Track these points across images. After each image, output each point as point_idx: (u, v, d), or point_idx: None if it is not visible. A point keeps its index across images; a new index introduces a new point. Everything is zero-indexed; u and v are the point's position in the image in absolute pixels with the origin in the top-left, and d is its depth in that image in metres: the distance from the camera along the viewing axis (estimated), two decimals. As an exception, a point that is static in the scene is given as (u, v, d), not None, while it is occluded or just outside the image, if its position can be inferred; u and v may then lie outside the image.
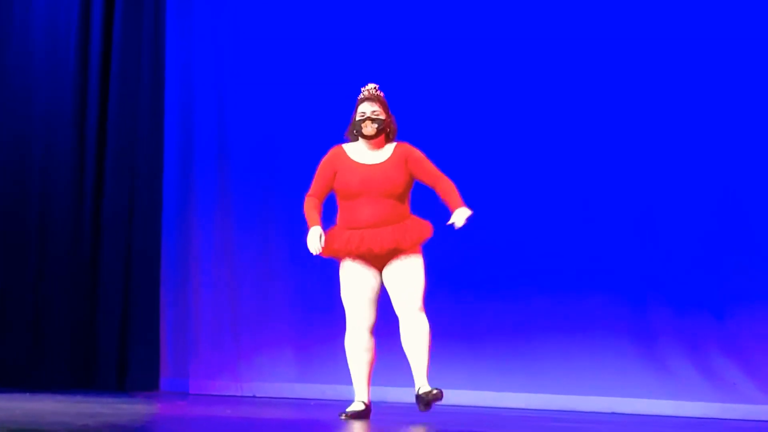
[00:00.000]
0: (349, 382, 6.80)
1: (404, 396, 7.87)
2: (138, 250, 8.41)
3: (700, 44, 7.89)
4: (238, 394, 8.27)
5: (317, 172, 6.12)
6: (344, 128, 6.18)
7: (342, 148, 6.13)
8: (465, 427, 5.93)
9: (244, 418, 5.95)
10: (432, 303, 8.03)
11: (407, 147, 6.10)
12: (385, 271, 6.00)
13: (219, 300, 8.47)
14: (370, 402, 6.06)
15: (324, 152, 6.23)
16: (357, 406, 6.01)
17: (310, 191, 6.09)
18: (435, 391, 5.91)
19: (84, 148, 8.48)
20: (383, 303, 6.10)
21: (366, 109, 6.06)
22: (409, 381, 6.13)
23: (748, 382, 7.63)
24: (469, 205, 8.07)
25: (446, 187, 6.11)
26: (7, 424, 4.66)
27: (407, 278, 5.97)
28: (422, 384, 5.96)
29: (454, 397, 8.02)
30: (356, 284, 5.99)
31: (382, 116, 6.05)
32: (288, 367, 8.28)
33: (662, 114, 7.94)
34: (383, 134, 6.08)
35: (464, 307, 8.10)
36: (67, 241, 8.39)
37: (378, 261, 5.99)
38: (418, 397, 5.95)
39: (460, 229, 6.11)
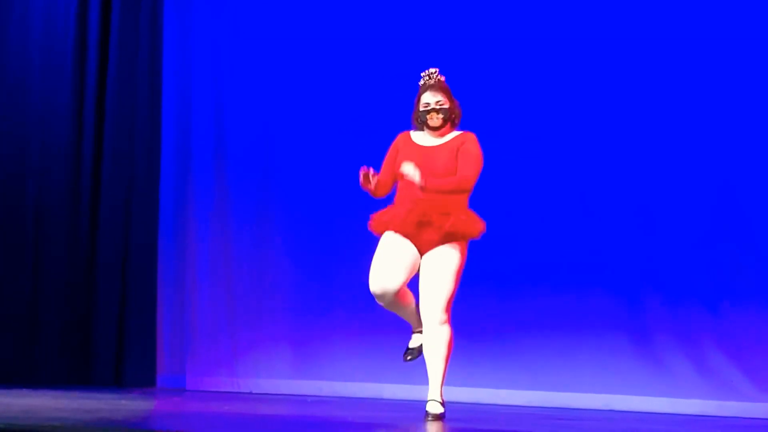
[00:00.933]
0: (345, 378, 6.82)
1: (399, 392, 7.88)
2: (135, 246, 8.42)
3: (696, 44, 7.89)
4: (235, 390, 8.27)
5: (384, 158, 6.00)
6: (341, 129, 6.17)
7: (408, 133, 6.03)
8: (462, 424, 5.93)
9: (241, 414, 5.95)
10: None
11: (469, 137, 5.94)
12: (423, 258, 5.83)
13: (216, 296, 8.46)
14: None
15: (323, 151, 6.28)
16: (417, 339, 5.99)
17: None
18: (437, 413, 5.81)
19: (81, 146, 8.48)
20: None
21: (429, 99, 5.91)
22: (404, 377, 6.13)
23: (744, 379, 7.63)
24: (472, 203, 8.10)
25: (453, 178, 5.84)
26: (4, 420, 4.66)
27: (435, 281, 5.78)
28: (432, 397, 5.86)
29: (451, 393, 8.03)
30: (388, 249, 5.79)
31: (447, 105, 5.92)
32: (285, 364, 8.28)
33: (658, 112, 7.94)
34: (449, 121, 5.95)
35: (461, 304, 8.07)
36: (64, 237, 8.39)
37: (419, 239, 5.78)
38: (426, 411, 5.87)
39: None
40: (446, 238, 5.82)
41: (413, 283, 5.94)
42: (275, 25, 8.53)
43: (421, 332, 5.95)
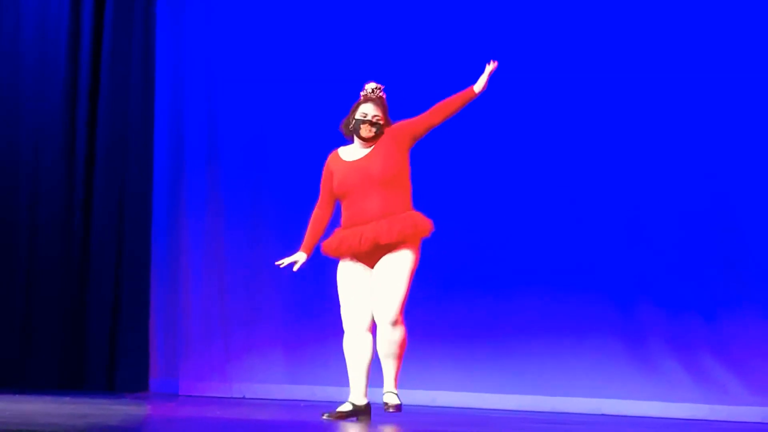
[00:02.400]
0: (338, 383, 6.82)
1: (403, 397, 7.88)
2: (128, 251, 8.42)
3: (691, 51, 7.91)
4: (228, 395, 8.27)
5: (321, 181, 6.12)
6: (334, 131, 6.17)
7: (336, 152, 6.12)
8: (454, 428, 5.94)
9: (234, 419, 5.95)
10: (421, 304, 8.08)
11: (388, 128, 6.03)
12: (375, 267, 5.95)
13: (209, 301, 8.47)
14: (367, 402, 6.01)
15: (315, 154, 6.28)
16: (345, 406, 6.00)
17: (317, 202, 6.11)
18: (396, 404, 5.89)
19: (74, 150, 8.49)
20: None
21: (369, 110, 6.01)
22: (400, 383, 6.14)
23: (736, 383, 7.65)
24: (461, 206, 8.13)
25: (444, 104, 6.06)
26: (-4, 425, 4.67)
27: (388, 283, 5.88)
28: (389, 390, 5.94)
29: (442, 398, 8.05)
30: (350, 284, 5.97)
31: (382, 122, 6.01)
32: (278, 369, 8.29)
33: (653, 116, 7.95)
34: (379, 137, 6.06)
35: (453, 308, 8.11)
36: (57, 242, 8.39)
37: (369, 258, 5.94)
38: (384, 402, 5.95)
39: (451, 225, 5.95)
40: (395, 247, 5.91)
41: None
42: (268, 28, 8.54)
43: (350, 404, 5.99)
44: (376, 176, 5.91)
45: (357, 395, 6.00)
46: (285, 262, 6.15)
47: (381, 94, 6.07)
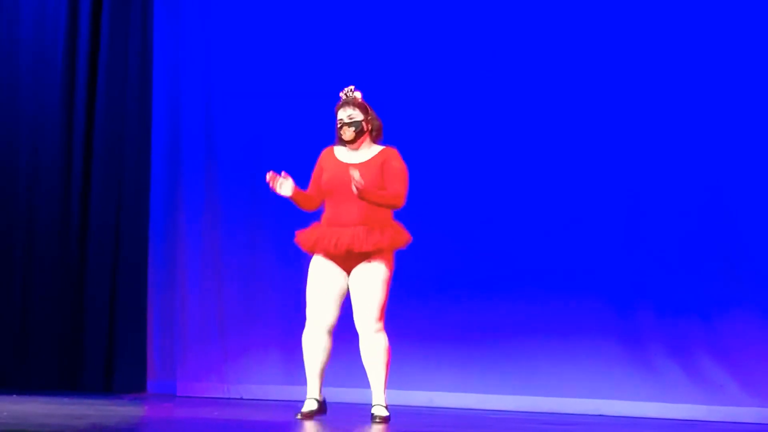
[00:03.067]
0: (337, 384, 6.81)
1: (388, 398, 7.89)
2: (125, 251, 8.41)
3: (687, 53, 7.90)
4: (225, 395, 8.26)
5: (311, 175, 6.20)
6: (331, 132, 6.21)
7: (331, 148, 6.19)
8: (451, 429, 5.94)
9: (232, 420, 5.95)
10: (419, 304, 8.08)
11: (391, 152, 6.08)
12: (350, 276, 6.00)
13: (206, 302, 8.46)
14: (323, 398, 6.08)
15: (312, 155, 6.26)
16: (310, 404, 6.03)
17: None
18: (384, 416, 5.92)
19: (71, 151, 8.48)
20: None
21: (342, 115, 6.10)
22: (394, 383, 6.15)
23: (734, 384, 7.65)
24: (461, 208, 8.12)
25: (385, 192, 5.98)
26: (-7, 426, 4.66)
27: (366, 292, 5.93)
28: (377, 402, 5.98)
29: (439, 399, 8.05)
30: (320, 280, 6.01)
31: (359, 117, 6.07)
32: (275, 369, 8.28)
33: (649, 117, 7.95)
34: (365, 134, 6.10)
35: (451, 309, 8.11)
36: (54, 242, 8.39)
37: (346, 262, 5.98)
38: (372, 413, 5.97)
39: (450, 227, 5.91)
40: (370, 256, 5.96)
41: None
42: (266, 27, 8.54)
43: (314, 400, 6.04)
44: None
45: (314, 391, 6.05)
46: (272, 176, 6.09)
47: (354, 94, 6.13)
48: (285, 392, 8.12)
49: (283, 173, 6.08)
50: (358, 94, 6.14)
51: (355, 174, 5.83)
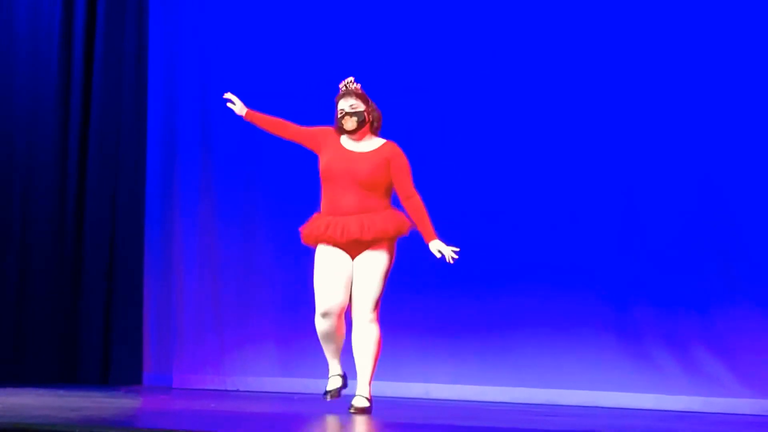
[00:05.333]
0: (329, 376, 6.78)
1: (386, 390, 7.90)
2: (121, 245, 8.41)
3: (685, 51, 7.90)
4: (222, 388, 8.27)
5: (314, 126, 6.28)
6: (328, 125, 6.23)
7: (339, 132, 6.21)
8: (448, 420, 5.95)
9: (228, 412, 5.96)
10: (417, 297, 8.09)
11: (395, 149, 6.14)
12: (355, 261, 6.05)
13: (202, 294, 8.46)
14: (344, 373, 6.19)
15: (305, 152, 6.28)
16: (334, 382, 6.14)
17: (299, 125, 6.30)
18: (362, 407, 5.95)
19: (67, 147, 8.47)
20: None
21: (344, 105, 6.14)
22: (391, 375, 6.17)
23: (730, 375, 7.66)
24: (457, 202, 8.13)
25: (417, 206, 6.11)
26: (-11, 418, 4.66)
27: (365, 281, 6.00)
28: (360, 393, 6.01)
29: (438, 391, 8.06)
30: (329, 266, 6.05)
31: (361, 108, 6.10)
32: (271, 361, 8.28)
33: (647, 113, 7.95)
34: (367, 125, 6.13)
35: (448, 301, 8.11)
36: (50, 235, 8.38)
37: (350, 249, 6.04)
38: (351, 403, 6.02)
39: (446, 221, 6.07)
40: (374, 244, 6.03)
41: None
42: (262, 25, 8.52)
43: (338, 376, 6.16)
44: (361, 177, 6.03)
45: (336, 368, 6.16)
46: (230, 96, 6.41)
47: (355, 85, 6.18)
48: (281, 384, 8.13)
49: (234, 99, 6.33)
50: (357, 85, 6.19)
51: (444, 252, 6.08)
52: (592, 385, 7.83)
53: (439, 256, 6.12)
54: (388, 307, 6.86)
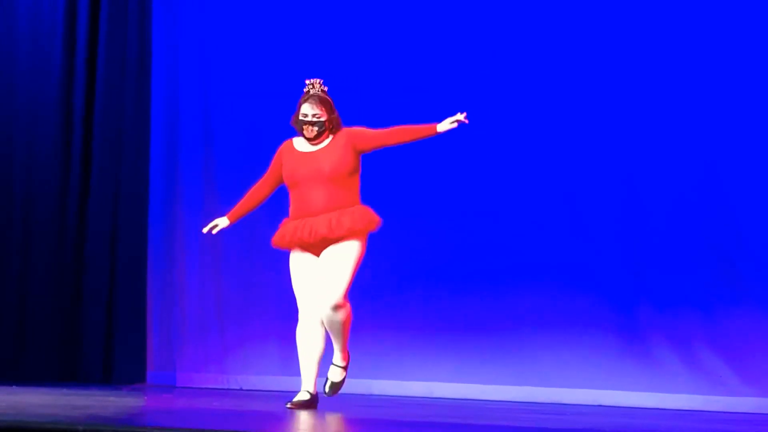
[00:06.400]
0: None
1: (388, 388, 7.91)
2: (124, 243, 8.42)
3: (689, 53, 7.91)
4: (225, 386, 8.28)
5: (270, 163, 6.30)
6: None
7: (290, 141, 6.24)
8: (451, 419, 5.95)
9: (231, 411, 5.96)
10: (418, 295, 8.10)
11: (345, 129, 6.15)
12: (321, 256, 6.06)
13: (205, 293, 8.47)
14: (316, 392, 6.16)
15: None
16: (302, 395, 6.11)
17: (260, 179, 6.33)
18: (330, 386, 6.13)
19: (69, 146, 8.47)
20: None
21: (308, 111, 6.12)
22: (394, 374, 6.17)
23: (731, 374, 7.67)
24: (461, 202, 8.13)
25: (401, 129, 6.13)
26: (-7, 417, 4.66)
27: (331, 271, 5.97)
28: (335, 363, 6.20)
29: (439, 389, 8.06)
30: (301, 274, 6.08)
31: (323, 117, 6.10)
32: (274, 360, 8.29)
33: (651, 113, 7.96)
34: (326, 132, 6.14)
35: (451, 300, 8.12)
36: (53, 233, 8.39)
37: (317, 249, 6.05)
38: (327, 376, 6.22)
39: (450, 219, 5.90)
40: (343, 238, 6.03)
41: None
42: (263, 25, 8.54)
43: (306, 392, 6.14)
44: (326, 172, 6.04)
45: (309, 384, 6.13)
46: (207, 227, 6.42)
47: (322, 88, 6.16)
48: (283, 383, 8.14)
49: (210, 226, 6.38)
50: (324, 89, 6.17)
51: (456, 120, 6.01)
52: (594, 384, 7.84)
53: (455, 125, 6.06)
54: (390, 305, 6.90)
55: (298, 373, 8.18)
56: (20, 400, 5.96)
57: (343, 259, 5.98)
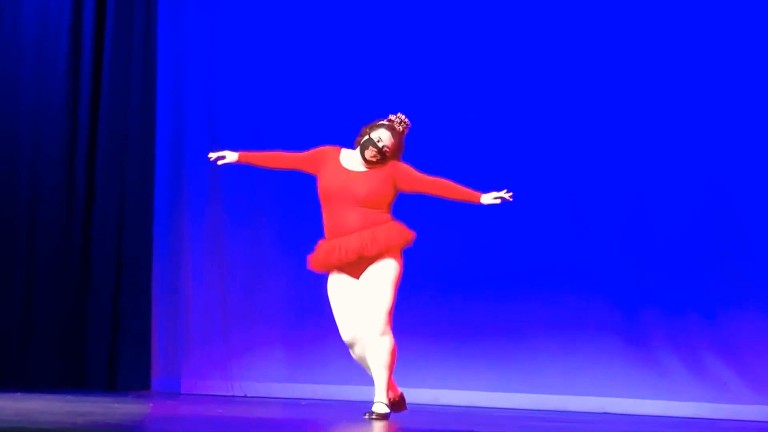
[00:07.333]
0: (339, 381, 6.81)
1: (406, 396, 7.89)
2: (129, 249, 8.40)
3: (690, 53, 7.92)
4: (230, 393, 8.27)
5: (311, 149, 6.14)
6: (334, 126, 6.21)
7: (338, 150, 6.12)
8: (457, 427, 5.94)
9: (236, 418, 5.95)
10: (424, 302, 8.09)
11: (393, 162, 6.03)
12: (360, 279, 5.97)
13: (210, 299, 8.46)
14: (392, 398, 6.02)
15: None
16: (377, 407, 5.95)
17: (295, 152, 6.17)
18: (381, 413, 5.89)
19: (75, 149, 8.46)
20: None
21: (384, 137, 5.99)
22: (400, 382, 6.16)
23: (738, 382, 7.65)
24: (466, 207, 8.09)
25: (446, 184, 6.05)
26: (-3, 423, 4.66)
27: (374, 293, 5.90)
28: (379, 400, 5.93)
29: (445, 396, 8.05)
30: (340, 297, 6.00)
31: (389, 153, 5.99)
32: (279, 367, 8.28)
33: (653, 117, 7.96)
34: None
35: (457, 307, 8.12)
36: (58, 240, 8.37)
37: (354, 268, 5.96)
38: (372, 410, 5.94)
39: (456, 226, 5.88)
40: (380, 257, 5.94)
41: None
42: (269, 24, 8.53)
43: (382, 403, 5.98)
44: (361, 197, 5.95)
45: (381, 394, 5.97)
46: (215, 154, 6.29)
47: (403, 128, 6.06)
48: (289, 390, 8.14)
49: (217, 155, 6.23)
50: (406, 128, 6.06)
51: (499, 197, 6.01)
52: (600, 392, 7.83)
53: (498, 202, 6.03)
54: (398, 312, 6.84)
55: (303, 380, 8.22)
56: (25, 406, 5.96)
57: (382, 283, 5.90)
